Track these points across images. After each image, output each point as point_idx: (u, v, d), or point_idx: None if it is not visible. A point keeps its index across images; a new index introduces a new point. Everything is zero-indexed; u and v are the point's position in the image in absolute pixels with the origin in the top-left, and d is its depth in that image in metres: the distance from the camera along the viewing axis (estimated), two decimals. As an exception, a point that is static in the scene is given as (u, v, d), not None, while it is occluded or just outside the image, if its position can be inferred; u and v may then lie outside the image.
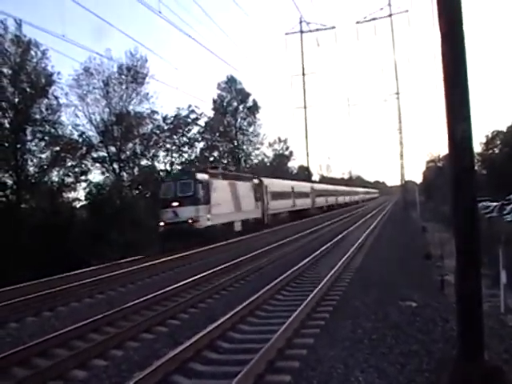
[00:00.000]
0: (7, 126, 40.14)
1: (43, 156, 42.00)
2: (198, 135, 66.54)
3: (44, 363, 8.19)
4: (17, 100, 40.28)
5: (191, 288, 14.45)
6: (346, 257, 18.20)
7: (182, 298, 13.09)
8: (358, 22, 62.09)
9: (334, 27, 63.72)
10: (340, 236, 27.46)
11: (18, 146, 40.03)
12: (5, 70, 39.04)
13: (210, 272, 16.44)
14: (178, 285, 14.38)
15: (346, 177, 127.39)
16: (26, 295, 13.49)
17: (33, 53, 40.63)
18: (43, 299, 13.41)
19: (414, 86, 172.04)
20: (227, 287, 14.43)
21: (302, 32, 67.18)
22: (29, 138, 42.43)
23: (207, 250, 24.26)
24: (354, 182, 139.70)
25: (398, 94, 65.63)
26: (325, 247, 22.03)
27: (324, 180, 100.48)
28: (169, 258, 21.27)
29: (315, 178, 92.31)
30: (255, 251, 21.33)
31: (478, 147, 58.83)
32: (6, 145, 38.80)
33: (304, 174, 74.78)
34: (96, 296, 14.45)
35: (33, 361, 8.40)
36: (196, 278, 15.46)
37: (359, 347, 8.19)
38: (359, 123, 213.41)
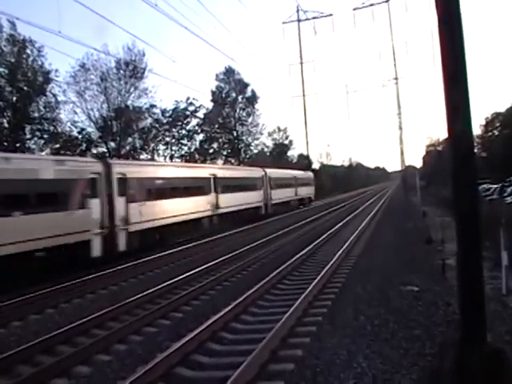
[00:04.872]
0: (6, 125, 40.20)
1: (43, 154, 42.04)
2: (197, 127, 66.66)
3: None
4: (15, 99, 40.29)
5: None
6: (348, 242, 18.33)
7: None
8: (355, 9, 61.65)
9: (331, 15, 63.37)
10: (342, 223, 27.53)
11: (18, 144, 40.10)
12: (1, 70, 39.03)
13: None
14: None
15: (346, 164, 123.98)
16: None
17: (28, 51, 40.62)
18: None
19: (413, 71, 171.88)
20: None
21: (299, 21, 66.92)
22: (28, 136, 42.61)
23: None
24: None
25: (396, 79, 65.53)
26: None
27: None
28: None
29: (315, 166, 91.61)
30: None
31: (477, 129, 58.70)
32: (6, 144, 38.84)
33: (303, 162, 74.47)
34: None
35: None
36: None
37: (362, 333, 8.27)
38: (358, 110, 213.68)
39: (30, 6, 72.40)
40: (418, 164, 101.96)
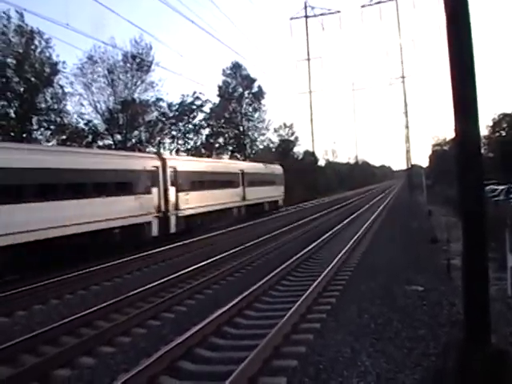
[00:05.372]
0: (13, 115, 40.22)
1: (49, 145, 42.02)
2: (203, 122, 66.58)
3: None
4: (22, 89, 40.29)
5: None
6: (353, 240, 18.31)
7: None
8: (363, 6, 61.38)
9: (339, 11, 63.16)
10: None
11: (24, 135, 40.11)
12: (9, 61, 39.02)
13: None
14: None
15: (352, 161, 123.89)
16: None
17: (36, 42, 40.59)
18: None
19: (420, 69, 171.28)
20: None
21: (306, 17, 66.59)
22: (35, 127, 42.61)
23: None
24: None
25: (403, 77, 65.24)
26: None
27: None
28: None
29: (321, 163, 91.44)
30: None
31: (484, 130, 58.45)
32: (12, 134, 38.87)
33: (309, 158, 74.28)
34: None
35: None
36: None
37: (366, 331, 8.26)
38: (365, 107, 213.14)
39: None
40: (424, 163, 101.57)
